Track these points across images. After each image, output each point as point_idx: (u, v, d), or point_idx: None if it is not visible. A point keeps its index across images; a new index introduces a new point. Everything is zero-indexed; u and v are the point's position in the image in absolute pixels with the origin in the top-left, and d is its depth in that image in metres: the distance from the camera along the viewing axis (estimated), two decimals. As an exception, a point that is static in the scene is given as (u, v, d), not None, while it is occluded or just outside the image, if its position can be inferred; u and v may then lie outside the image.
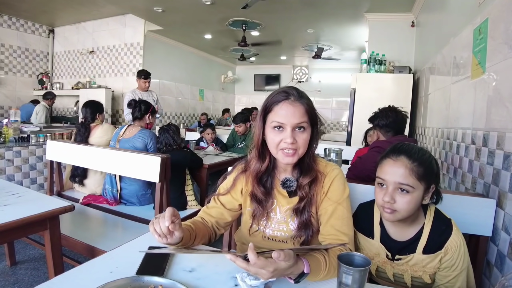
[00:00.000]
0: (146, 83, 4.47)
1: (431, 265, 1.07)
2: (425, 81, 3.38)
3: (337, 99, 8.69)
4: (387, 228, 1.15)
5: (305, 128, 1.05)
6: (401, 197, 1.03)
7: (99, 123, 3.09)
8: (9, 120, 3.58)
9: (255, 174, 1.15)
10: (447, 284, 1.06)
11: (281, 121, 1.03)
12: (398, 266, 1.12)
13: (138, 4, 4.83)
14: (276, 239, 1.17)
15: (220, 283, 0.90)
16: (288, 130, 1.03)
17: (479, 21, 1.83)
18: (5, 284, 2.24)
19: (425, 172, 1.03)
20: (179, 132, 2.97)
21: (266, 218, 1.17)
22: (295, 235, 1.13)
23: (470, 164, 1.87)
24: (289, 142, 1.02)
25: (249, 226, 1.20)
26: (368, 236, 1.19)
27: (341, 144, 4.07)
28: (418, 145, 1.22)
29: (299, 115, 1.03)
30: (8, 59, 6.13)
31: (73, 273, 0.91)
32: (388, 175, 1.05)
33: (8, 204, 1.51)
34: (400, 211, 1.03)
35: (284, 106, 1.03)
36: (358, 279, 0.78)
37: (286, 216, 1.15)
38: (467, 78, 2.01)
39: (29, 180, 3.61)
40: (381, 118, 2.24)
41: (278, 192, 1.17)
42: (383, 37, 4.38)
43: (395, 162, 1.05)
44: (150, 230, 0.95)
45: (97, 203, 2.70)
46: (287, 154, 1.05)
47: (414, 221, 1.11)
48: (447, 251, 1.05)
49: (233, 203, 1.23)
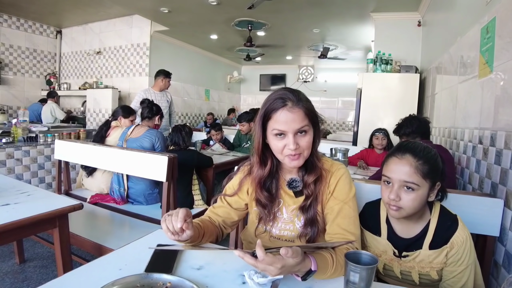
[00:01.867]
0: (169, 82, 4.48)
1: (438, 260, 1.08)
2: (432, 81, 3.36)
3: (343, 99, 8.65)
4: (393, 226, 1.16)
5: (307, 131, 1.05)
6: (406, 195, 1.04)
7: (119, 125, 3.13)
8: (18, 120, 3.62)
9: (257, 180, 1.16)
10: (454, 279, 1.07)
11: (282, 129, 1.02)
12: (405, 263, 1.13)
13: (144, 5, 4.86)
14: (283, 238, 1.18)
15: (228, 280, 0.90)
16: (290, 137, 1.02)
17: (487, 20, 1.82)
18: (14, 282, 2.28)
19: (430, 170, 1.04)
20: (191, 134, 3.00)
21: (273, 218, 1.17)
22: (301, 232, 1.14)
23: (478, 163, 1.86)
24: (292, 148, 1.02)
25: (256, 226, 1.21)
26: (375, 234, 1.19)
27: (347, 144, 4.07)
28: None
29: (299, 120, 1.02)
30: (16, 60, 6.20)
31: (82, 271, 0.93)
32: (393, 173, 1.07)
33: (18, 203, 1.53)
34: (405, 208, 1.05)
35: (283, 113, 1.02)
36: (365, 277, 0.78)
37: (293, 216, 1.16)
38: (474, 77, 2.00)
39: (37, 179, 3.66)
40: (406, 127, 2.35)
41: (285, 192, 1.18)
42: (389, 36, 4.36)
43: (400, 160, 1.06)
44: (163, 228, 0.96)
45: (104, 202, 2.72)
46: (293, 158, 1.05)
47: (420, 217, 1.12)
48: (452, 246, 1.06)
49: (239, 202, 1.24)
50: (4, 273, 2.38)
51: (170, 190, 2.23)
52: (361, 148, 3.50)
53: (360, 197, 1.60)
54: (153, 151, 2.59)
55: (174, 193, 2.28)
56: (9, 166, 3.35)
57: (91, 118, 5.75)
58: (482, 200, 1.44)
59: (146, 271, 0.91)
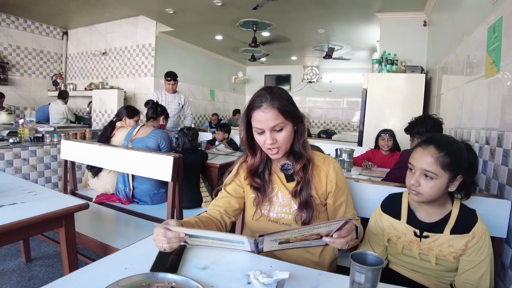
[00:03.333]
0: (169, 84, 4.52)
1: (457, 246, 1.12)
2: (438, 81, 3.34)
3: (348, 99, 8.62)
4: (415, 212, 1.23)
5: (283, 127, 1.16)
6: (426, 182, 1.13)
7: (124, 126, 3.15)
8: (25, 120, 3.66)
9: (249, 169, 1.29)
10: (474, 269, 1.11)
11: (259, 127, 1.16)
12: (424, 245, 1.18)
13: (149, 6, 4.88)
14: (280, 221, 1.28)
15: (233, 280, 0.90)
16: (267, 133, 1.16)
17: (494, 19, 1.80)
18: (20, 280, 2.30)
19: (451, 162, 1.10)
20: (197, 136, 3.04)
21: (270, 202, 1.29)
22: (297, 214, 1.24)
23: (484, 164, 1.85)
24: (269, 143, 1.16)
25: (254, 211, 1.32)
26: (395, 218, 1.26)
27: (352, 144, 4.05)
28: None
29: (272, 119, 1.14)
30: (23, 61, 6.27)
31: (88, 270, 0.93)
32: (416, 161, 1.16)
33: (25, 202, 1.54)
34: (424, 194, 1.13)
35: (259, 113, 1.15)
36: (371, 278, 0.78)
37: (289, 199, 1.27)
38: (481, 77, 1.98)
39: (43, 179, 3.69)
40: (420, 126, 2.31)
41: (279, 178, 1.30)
42: (395, 36, 4.34)
43: (423, 151, 1.14)
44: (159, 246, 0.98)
45: (110, 202, 2.74)
46: (272, 152, 1.19)
47: (441, 205, 1.18)
48: (474, 235, 1.11)
49: (238, 190, 1.34)
50: (11, 271, 2.40)
51: (176, 190, 2.24)
52: (366, 149, 3.49)
53: (364, 198, 1.60)
54: (158, 151, 2.60)
55: (180, 193, 2.29)
56: (16, 165, 3.39)
57: (96, 119, 5.79)
58: (489, 201, 1.43)
59: (152, 271, 0.91)
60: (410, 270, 1.25)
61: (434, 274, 1.20)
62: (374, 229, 1.30)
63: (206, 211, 1.34)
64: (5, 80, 5.92)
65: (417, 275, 1.23)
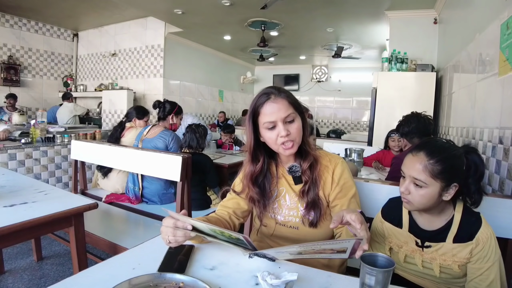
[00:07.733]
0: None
1: (461, 254, 1.07)
2: (449, 80, 3.29)
3: (357, 98, 8.54)
4: (415, 219, 1.18)
5: (294, 118, 1.14)
6: (416, 190, 1.07)
7: (134, 126, 3.17)
8: (37, 121, 3.71)
9: (249, 177, 1.23)
10: (481, 276, 1.05)
11: (271, 120, 1.12)
12: (427, 254, 1.13)
13: (158, 7, 4.91)
14: (288, 224, 1.26)
15: (241, 281, 0.90)
16: (280, 125, 1.12)
17: (507, 16, 1.76)
18: (32, 278, 2.33)
19: (443, 171, 1.03)
20: (206, 135, 2.97)
21: (278, 205, 1.27)
22: (304, 215, 1.22)
23: (498, 164, 1.81)
24: (284, 134, 1.11)
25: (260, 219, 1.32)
26: (396, 226, 1.21)
27: (362, 144, 4.02)
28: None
29: (284, 108, 1.12)
30: (35, 63, 6.38)
31: (97, 269, 0.93)
32: (406, 168, 1.11)
33: (36, 201, 1.55)
34: (414, 203, 1.08)
35: (269, 106, 1.12)
36: (381, 280, 0.76)
37: (296, 202, 1.25)
38: (494, 75, 1.94)
39: (54, 178, 3.73)
40: (404, 126, 2.23)
41: (286, 181, 1.27)
42: (405, 35, 4.28)
43: (413, 157, 1.09)
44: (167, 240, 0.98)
45: (119, 201, 2.76)
46: (287, 147, 1.14)
47: (441, 212, 1.12)
48: (478, 242, 1.05)
49: (247, 190, 1.29)
50: (23, 270, 2.44)
51: (184, 189, 2.24)
52: (377, 149, 3.45)
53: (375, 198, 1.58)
54: (167, 151, 2.61)
55: (188, 193, 2.29)
56: (28, 165, 3.43)
57: (106, 119, 5.85)
58: (502, 202, 1.39)
59: (159, 271, 0.91)
60: (417, 276, 1.20)
61: (443, 281, 1.14)
62: (376, 236, 1.26)
63: (214, 211, 1.33)
64: (17, 81, 6.03)
65: (425, 281, 1.18)
